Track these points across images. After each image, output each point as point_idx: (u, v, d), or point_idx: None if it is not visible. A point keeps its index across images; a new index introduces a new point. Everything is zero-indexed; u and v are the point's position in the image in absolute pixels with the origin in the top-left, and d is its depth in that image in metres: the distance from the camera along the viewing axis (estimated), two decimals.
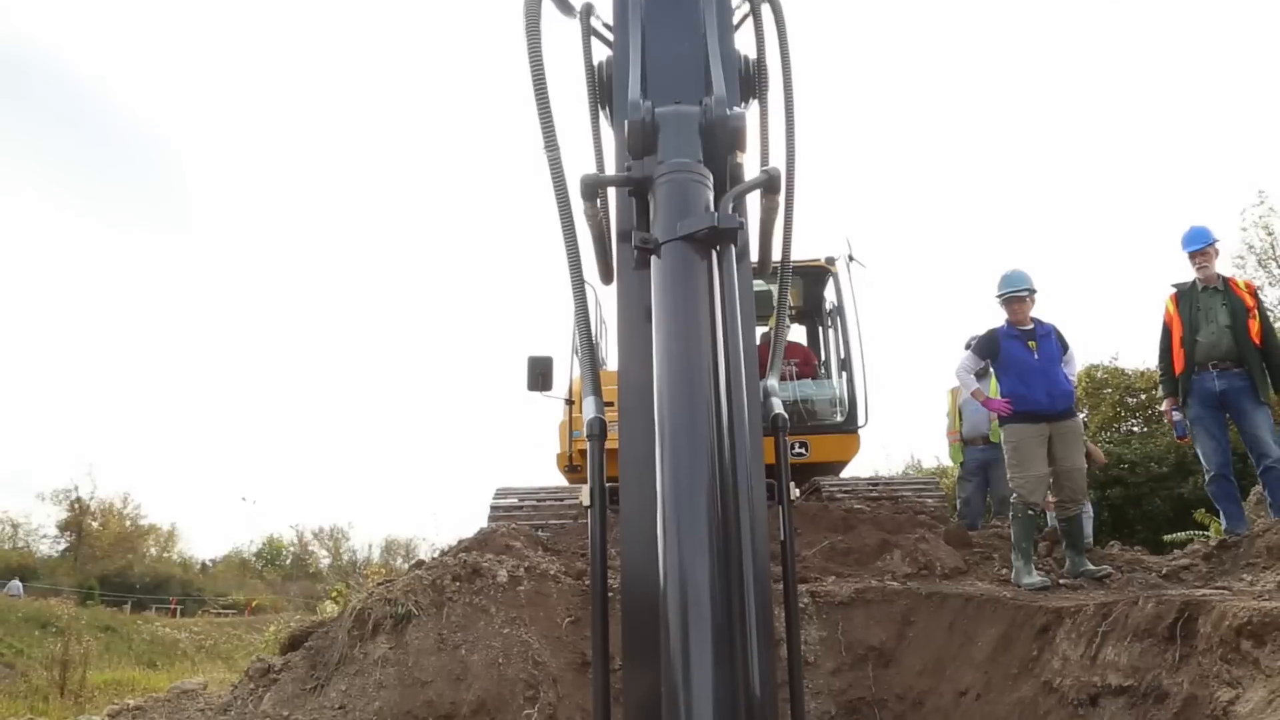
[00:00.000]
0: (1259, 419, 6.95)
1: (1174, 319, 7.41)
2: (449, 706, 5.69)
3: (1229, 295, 7.13)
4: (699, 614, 1.70)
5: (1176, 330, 7.37)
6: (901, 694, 5.95)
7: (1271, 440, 6.87)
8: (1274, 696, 3.43)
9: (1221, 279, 7.27)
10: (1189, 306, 7.28)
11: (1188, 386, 7.26)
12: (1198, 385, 7.20)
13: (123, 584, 41.69)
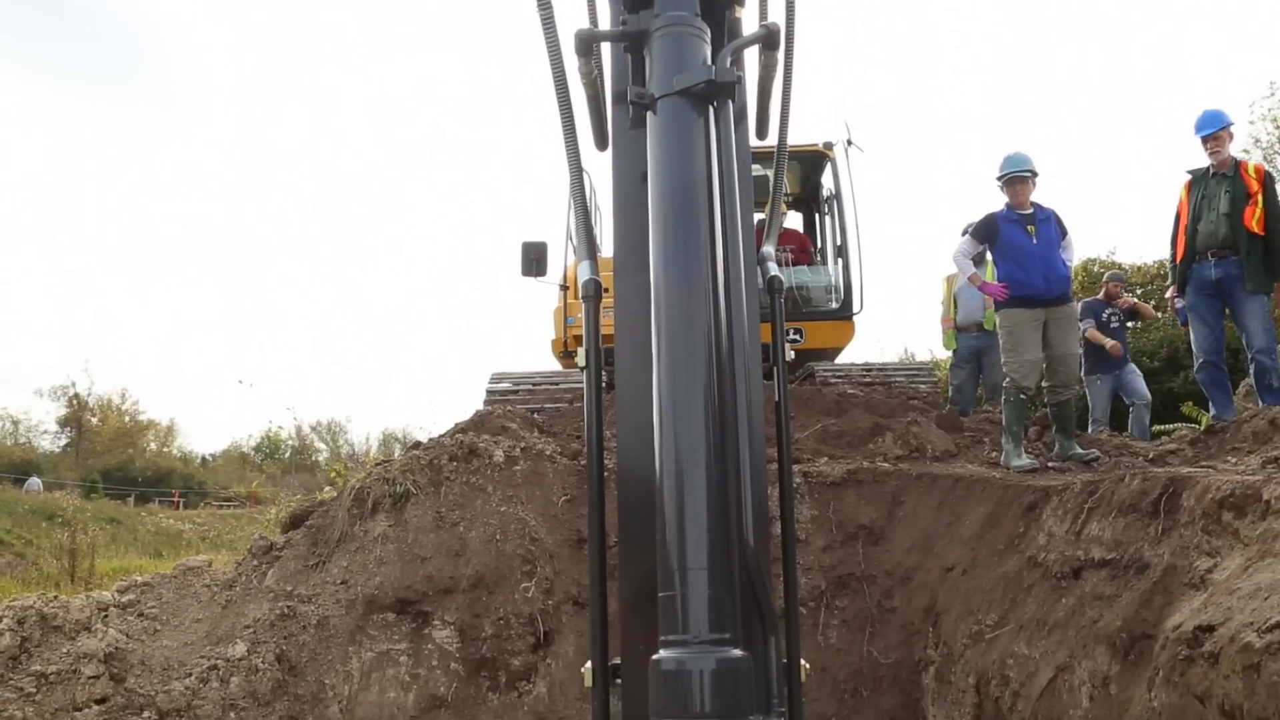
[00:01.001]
0: (1251, 308, 6.92)
1: (1184, 206, 7.32)
2: (448, 581, 5.84)
3: (1235, 182, 7.01)
4: (694, 494, 1.71)
5: (1184, 218, 7.29)
6: (890, 570, 6.10)
7: (1261, 330, 6.86)
8: (1249, 563, 3.52)
9: (1234, 164, 7.12)
10: (1198, 194, 7.18)
11: (1186, 275, 7.23)
12: (1196, 273, 7.17)
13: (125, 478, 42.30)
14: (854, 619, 5.92)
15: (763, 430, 2.23)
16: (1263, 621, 2.97)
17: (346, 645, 5.74)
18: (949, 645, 5.42)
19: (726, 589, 1.66)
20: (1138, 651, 3.86)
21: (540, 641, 5.70)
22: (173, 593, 6.64)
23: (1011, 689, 4.65)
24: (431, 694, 5.54)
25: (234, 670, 5.50)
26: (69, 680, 5.62)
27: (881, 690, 5.68)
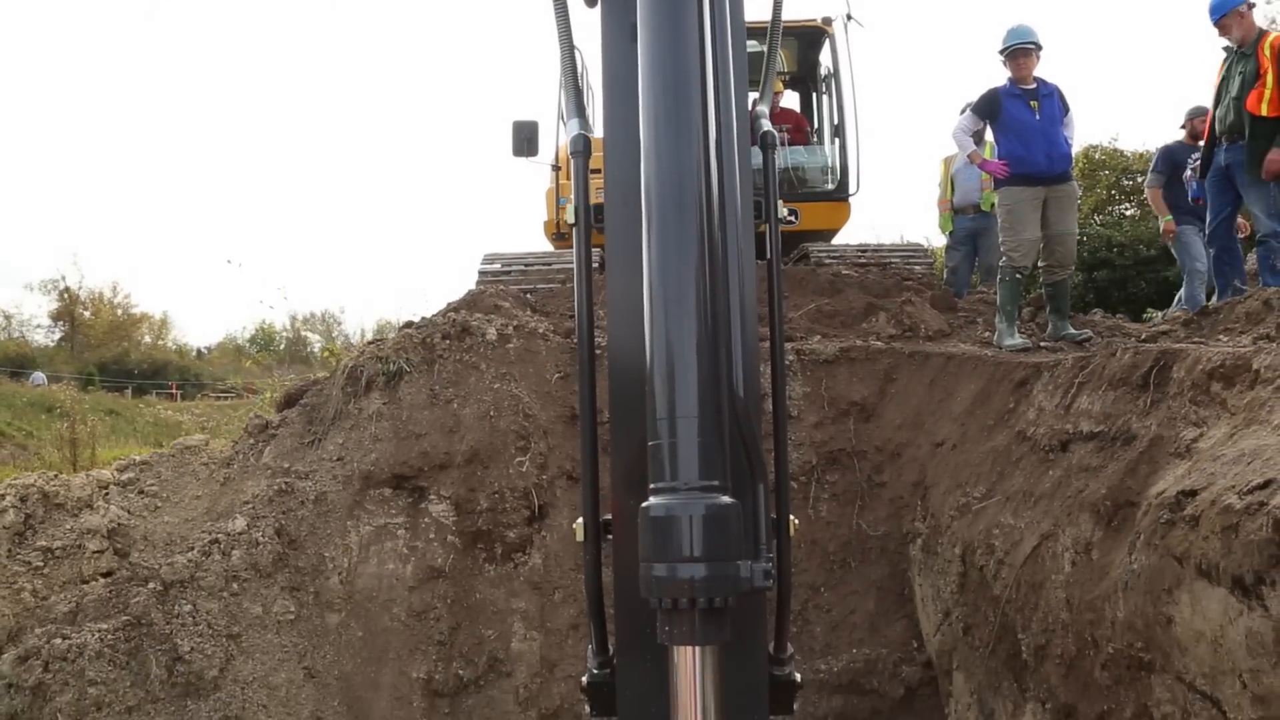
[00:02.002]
0: (1253, 196, 6.79)
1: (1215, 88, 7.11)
2: (443, 457, 5.90)
3: (1250, 61, 6.76)
4: (684, 345, 1.69)
5: (1212, 101, 7.10)
6: (880, 446, 6.18)
7: (1265, 214, 6.74)
8: (1235, 431, 3.54)
9: (1255, 40, 6.80)
10: (1224, 73, 6.95)
11: (1207, 158, 7.09)
12: (1213, 159, 7.03)
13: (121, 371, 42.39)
14: (844, 493, 6.03)
15: (754, 283, 2.21)
16: (1244, 484, 3.00)
17: (344, 520, 5.84)
18: (936, 518, 5.53)
19: (716, 437, 1.66)
20: (1120, 518, 3.92)
21: (535, 515, 5.81)
22: (171, 471, 6.72)
23: (996, 558, 4.76)
24: (429, 565, 5.67)
25: (235, 544, 5.61)
26: (74, 555, 5.72)
27: (870, 561, 5.82)
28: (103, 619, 5.06)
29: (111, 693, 4.77)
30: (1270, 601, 2.71)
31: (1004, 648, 4.59)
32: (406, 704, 5.37)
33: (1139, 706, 3.46)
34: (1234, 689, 2.87)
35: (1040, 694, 4.18)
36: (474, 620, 5.57)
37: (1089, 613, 3.80)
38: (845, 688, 5.38)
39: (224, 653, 5.14)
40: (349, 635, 5.56)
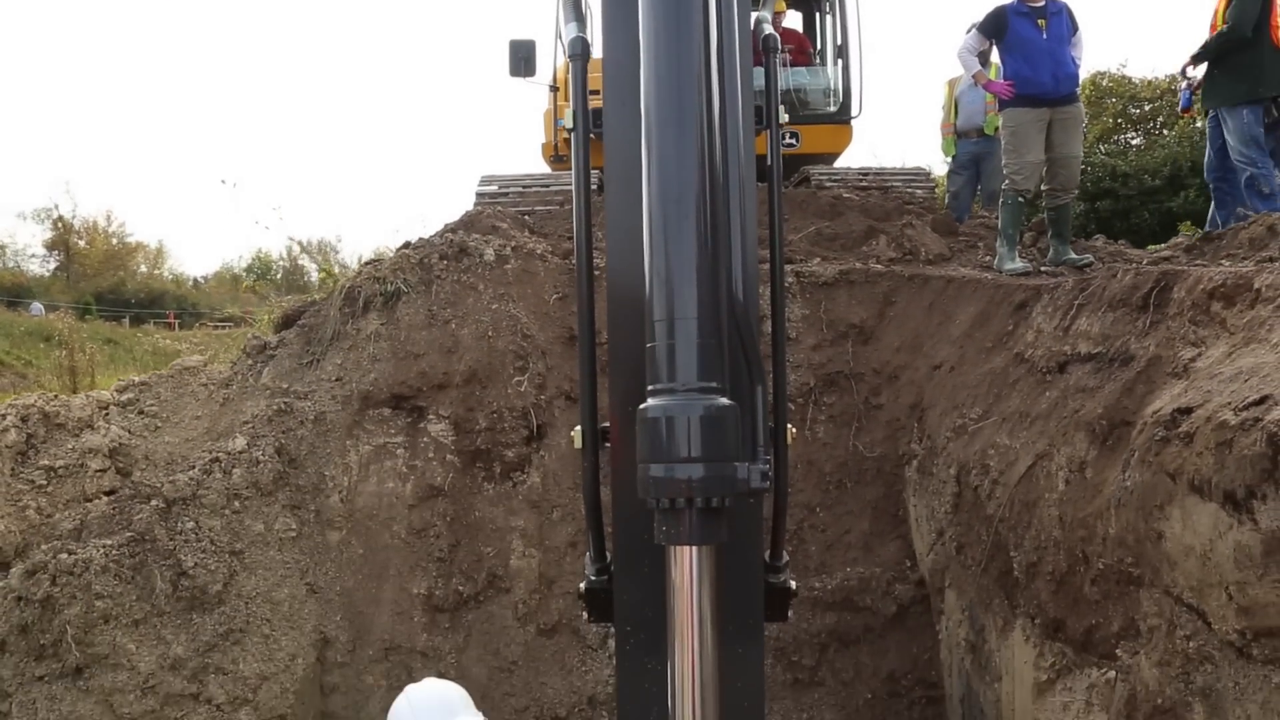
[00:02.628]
0: (1231, 124, 6.67)
1: None
2: (441, 377, 5.92)
3: None
4: (684, 248, 1.67)
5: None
6: (878, 368, 6.19)
7: (1239, 142, 6.62)
8: (1233, 350, 3.54)
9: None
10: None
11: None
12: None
13: (117, 300, 42.23)
14: (841, 415, 6.06)
15: (754, 193, 2.18)
16: (1240, 401, 3.01)
17: (344, 439, 5.88)
18: (932, 439, 5.56)
19: (714, 340, 1.65)
20: (1115, 437, 3.94)
21: (533, 434, 5.84)
22: (170, 391, 6.74)
23: (991, 477, 4.80)
24: (429, 484, 5.73)
25: (235, 463, 5.65)
26: (77, 474, 5.77)
27: (865, 482, 5.88)
28: (107, 535, 5.12)
29: (118, 606, 4.85)
30: (1260, 515, 2.73)
31: (996, 565, 4.66)
32: (407, 619, 5.47)
33: (1126, 620, 3.53)
34: (1220, 601, 2.92)
35: (1030, 610, 4.25)
36: (473, 538, 5.65)
37: (1081, 530, 3.85)
38: (839, 605, 5.48)
39: (227, 568, 5.22)
40: (350, 552, 5.64)
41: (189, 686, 4.86)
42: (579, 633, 5.48)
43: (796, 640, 5.39)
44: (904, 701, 5.37)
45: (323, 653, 5.40)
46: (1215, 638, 2.98)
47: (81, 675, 4.74)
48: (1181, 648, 3.14)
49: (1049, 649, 4.10)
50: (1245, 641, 2.80)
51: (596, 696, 5.27)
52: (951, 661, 5.19)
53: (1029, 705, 4.23)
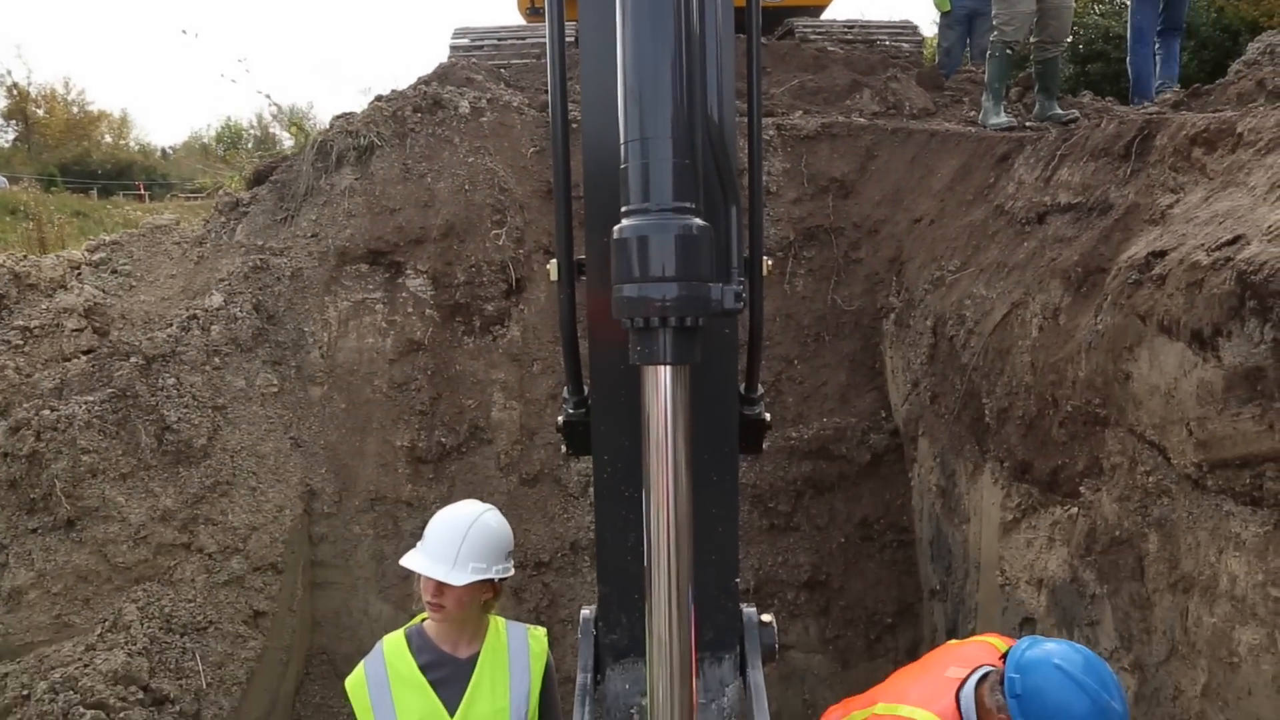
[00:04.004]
0: None
1: None
2: (419, 231, 5.85)
3: None
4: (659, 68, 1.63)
5: None
6: (859, 222, 6.16)
7: None
8: (1211, 195, 3.54)
9: None
10: None
11: None
12: None
13: (83, 172, 41.01)
14: (820, 269, 6.06)
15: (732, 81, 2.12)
16: (1213, 242, 3.03)
17: (322, 295, 5.85)
18: (910, 292, 5.59)
19: (688, 160, 1.63)
20: (1090, 284, 3.98)
21: (512, 288, 5.83)
22: (143, 250, 6.65)
23: (966, 328, 4.85)
24: (408, 339, 5.74)
25: (213, 319, 5.63)
26: (53, 334, 5.73)
27: (843, 335, 5.94)
28: (88, 392, 5.13)
29: (105, 460, 4.90)
30: (1224, 352, 2.79)
31: (968, 413, 4.76)
32: (392, 470, 5.57)
33: (1091, 459, 3.64)
34: (1180, 437, 3.01)
35: (999, 454, 4.37)
36: (454, 391, 5.70)
37: (1051, 374, 3.93)
38: (815, 454, 5.61)
39: (210, 423, 5.26)
40: (332, 407, 5.69)
41: (180, 537, 4.97)
42: (560, 481, 5.61)
43: (773, 487, 5.54)
44: (876, 545, 5.57)
45: (309, 504, 5.51)
46: (1173, 472, 3.08)
47: (74, 527, 4.83)
48: (1141, 483, 3.26)
49: (1016, 490, 4.24)
50: (1201, 474, 2.91)
51: (579, 542, 5.43)
52: (922, 506, 5.36)
53: (994, 544, 4.40)
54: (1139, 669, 3.19)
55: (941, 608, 5.16)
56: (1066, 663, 2.37)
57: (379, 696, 2.82)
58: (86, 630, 4.59)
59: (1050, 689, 2.36)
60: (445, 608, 2.73)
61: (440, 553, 2.69)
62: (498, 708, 2.81)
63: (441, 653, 2.84)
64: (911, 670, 3.00)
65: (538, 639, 2.97)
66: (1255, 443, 2.64)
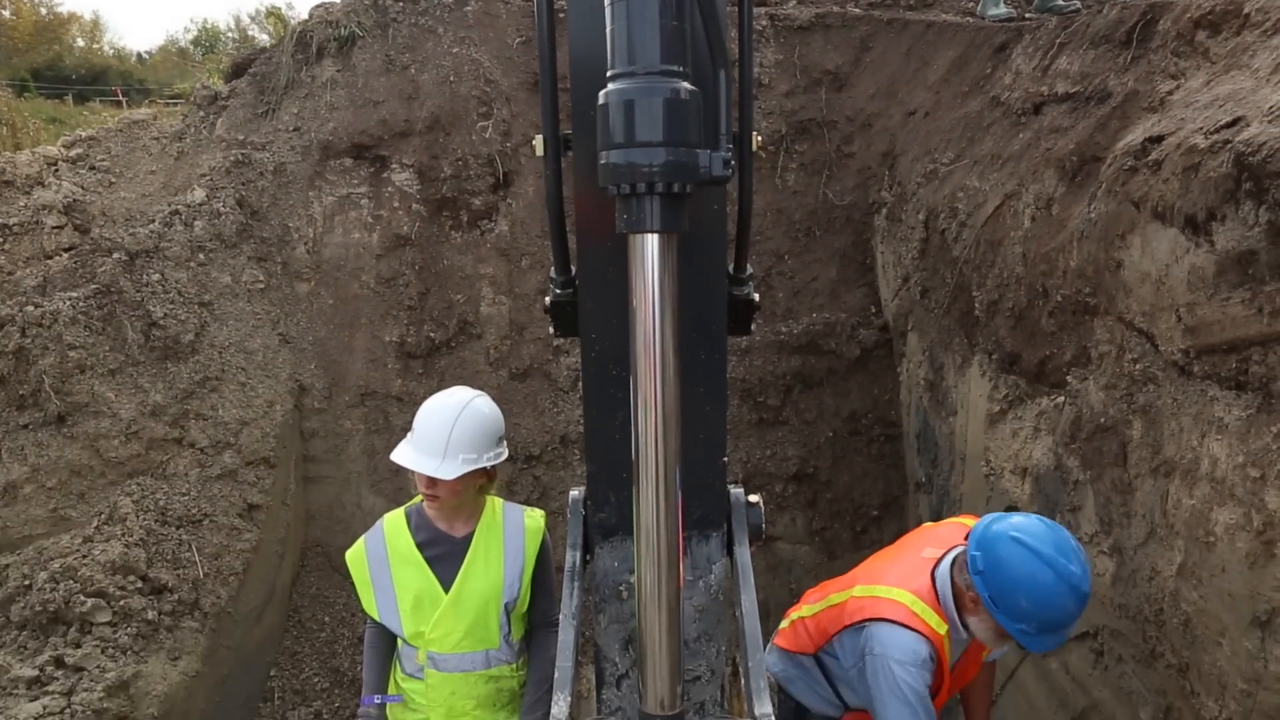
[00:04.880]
0: None
1: None
2: (403, 125, 5.73)
3: None
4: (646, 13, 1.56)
5: None
6: (852, 116, 6.05)
7: None
8: (1212, 79, 3.46)
9: None
10: None
11: None
12: None
13: (57, 77, 39.80)
14: (812, 163, 5.98)
15: None
16: (1212, 125, 2.97)
17: (306, 190, 5.76)
18: (903, 185, 5.53)
19: (676, 22, 1.58)
20: (1085, 173, 3.92)
21: (500, 182, 5.74)
22: (121, 146, 6.52)
23: (959, 220, 4.81)
24: (395, 234, 5.67)
25: (196, 215, 5.54)
26: (33, 231, 5.65)
27: (834, 231, 5.89)
28: (72, 288, 5.08)
29: (92, 356, 4.88)
30: (1218, 237, 2.77)
31: (958, 307, 4.76)
32: (381, 366, 5.57)
33: (1079, 349, 3.65)
34: (1169, 324, 3.01)
35: (988, 346, 4.38)
36: (442, 286, 5.66)
37: (1043, 265, 3.91)
38: (804, 349, 5.62)
39: (198, 319, 5.23)
40: (320, 303, 5.66)
41: (171, 432, 4.98)
42: (550, 376, 5.62)
43: (762, 382, 5.56)
44: (863, 439, 5.63)
45: (300, 400, 5.53)
46: (1160, 359, 3.09)
47: (65, 423, 4.83)
48: (1128, 370, 3.27)
49: (1003, 382, 4.26)
50: (1188, 360, 2.91)
51: (568, 436, 5.48)
52: (910, 400, 5.40)
53: (980, 435, 4.45)
54: (1118, 552, 3.26)
55: (926, 500, 5.24)
56: (1026, 535, 2.43)
57: (378, 572, 2.89)
58: (83, 523, 4.64)
59: (1012, 561, 2.41)
60: (440, 498, 2.77)
61: (430, 445, 2.70)
62: (491, 584, 2.87)
63: (438, 531, 2.90)
64: (888, 553, 3.06)
65: (534, 518, 3.02)
66: (1243, 327, 2.64)
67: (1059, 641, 2.45)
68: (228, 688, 4.80)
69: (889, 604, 2.63)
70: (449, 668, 2.89)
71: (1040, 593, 2.36)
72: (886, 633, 2.58)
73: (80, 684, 4.01)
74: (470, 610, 2.86)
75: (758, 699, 2.00)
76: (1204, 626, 2.72)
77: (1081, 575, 2.37)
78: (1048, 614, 2.38)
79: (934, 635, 2.56)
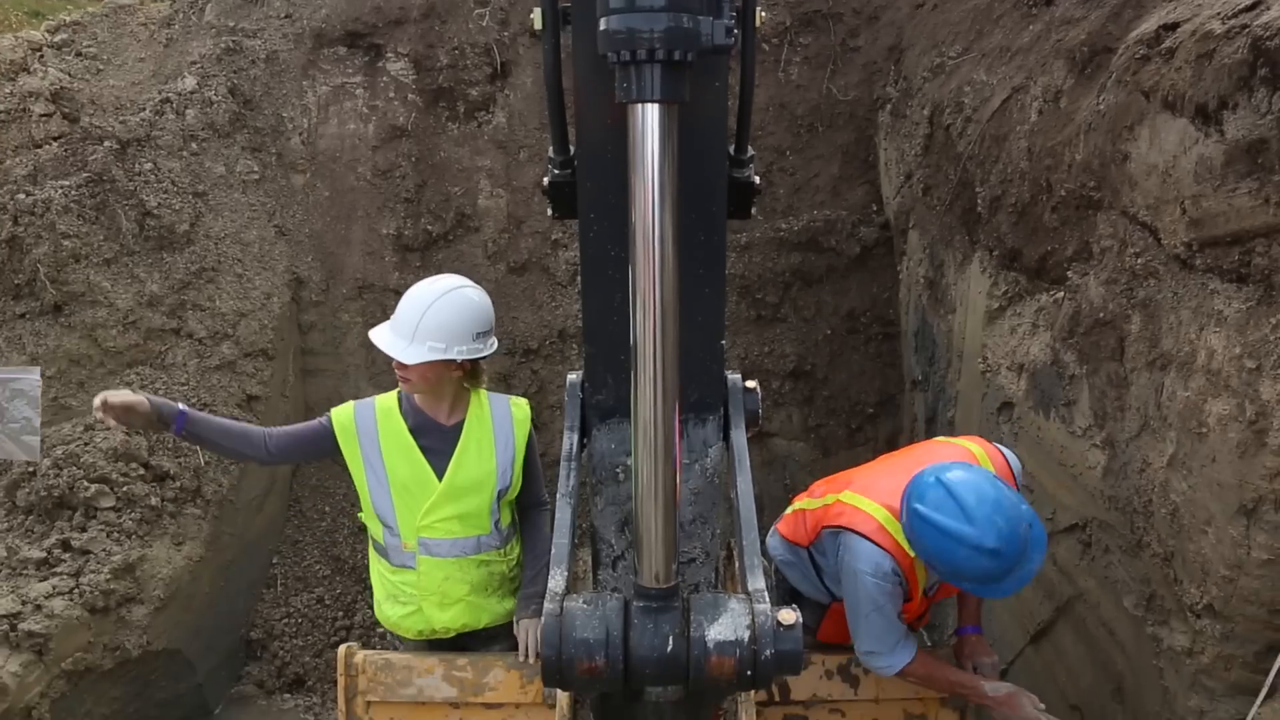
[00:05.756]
0: None
1: None
2: (398, 11, 5.59)
3: None
4: None
5: None
6: (858, 8, 5.91)
7: None
8: None
9: None
10: None
11: None
12: None
13: None
14: (816, 57, 5.84)
15: None
16: (1230, 9, 2.89)
17: (299, 79, 5.64)
18: (909, 80, 5.41)
19: None
20: (1095, 65, 3.83)
21: (497, 72, 5.62)
22: (108, 32, 6.34)
23: (964, 115, 4.72)
24: (391, 125, 5.58)
25: (188, 103, 5.44)
26: (20, 119, 5.54)
27: (837, 127, 5.79)
28: (63, 177, 5.01)
29: (86, 245, 4.85)
30: (1228, 126, 2.72)
31: (960, 203, 4.71)
32: (378, 259, 5.54)
33: (1080, 244, 3.62)
34: (1173, 216, 2.97)
35: (989, 242, 4.35)
36: (440, 178, 5.59)
37: (1048, 159, 3.85)
38: (804, 246, 5.58)
39: (192, 209, 5.18)
40: (316, 195, 5.60)
41: (169, 322, 4.98)
42: (548, 270, 5.60)
43: (761, 279, 5.54)
44: (861, 337, 5.64)
45: (297, 292, 5.52)
46: (1163, 253, 3.07)
47: (62, 312, 4.83)
48: (1129, 265, 3.25)
49: (1003, 278, 4.25)
50: (1190, 253, 2.89)
51: (566, 330, 5.48)
52: (909, 299, 5.39)
53: (979, 333, 4.45)
54: (1110, 445, 3.29)
55: (922, 398, 5.28)
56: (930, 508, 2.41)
57: (370, 452, 2.90)
58: (84, 412, 4.68)
59: (924, 538, 2.45)
60: (410, 380, 2.76)
61: (401, 328, 2.69)
62: (485, 471, 2.90)
63: (427, 418, 2.91)
64: (891, 460, 3.09)
65: (520, 406, 3.02)
66: (1249, 218, 2.61)
67: (1018, 584, 2.48)
68: (231, 573, 4.92)
69: (864, 517, 2.67)
70: (441, 553, 2.93)
71: (951, 560, 2.41)
72: (856, 543, 2.64)
73: (87, 566, 4.09)
74: (464, 498, 2.89)
75: (751, 575, 2.05)
76: (1191, 516, 2.76)
77: (982, 532, 2.35)
78: (969, 574, 2.43)
79: (903, 557, 2.60)
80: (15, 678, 3.60)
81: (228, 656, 4.95)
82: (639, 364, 1.75)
